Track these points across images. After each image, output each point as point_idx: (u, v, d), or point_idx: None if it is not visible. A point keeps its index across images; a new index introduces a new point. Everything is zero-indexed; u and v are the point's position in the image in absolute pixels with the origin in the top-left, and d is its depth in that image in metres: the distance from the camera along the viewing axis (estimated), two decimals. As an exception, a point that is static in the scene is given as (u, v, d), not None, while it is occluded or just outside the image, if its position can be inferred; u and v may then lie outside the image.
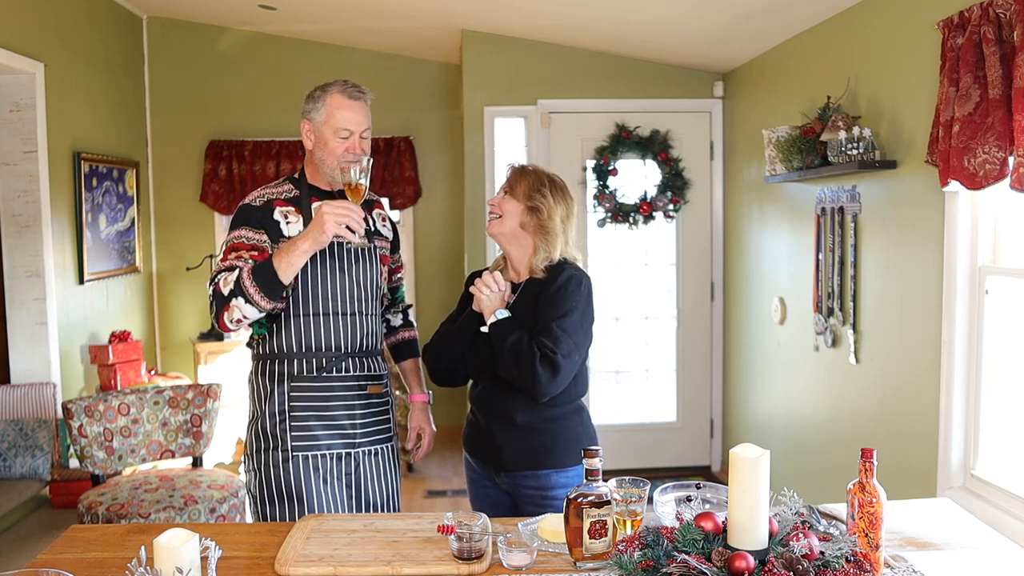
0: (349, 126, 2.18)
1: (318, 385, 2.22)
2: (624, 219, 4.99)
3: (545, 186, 2.22)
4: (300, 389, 2.21)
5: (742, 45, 4.38)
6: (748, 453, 1.41)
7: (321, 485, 2.20)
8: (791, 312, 4.10)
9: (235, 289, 2.04)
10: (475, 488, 2.36)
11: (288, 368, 2.21)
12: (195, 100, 5.82)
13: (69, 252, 4.73)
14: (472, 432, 2.33)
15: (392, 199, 5.90)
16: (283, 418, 2.20)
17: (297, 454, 2.19)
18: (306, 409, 2.21)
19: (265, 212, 2.20)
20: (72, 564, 1.70)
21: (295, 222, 2.21)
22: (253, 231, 2.18)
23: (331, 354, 2.23)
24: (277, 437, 2.20)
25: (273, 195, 2.24)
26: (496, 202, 2.26)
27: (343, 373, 2.24)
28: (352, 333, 2.25)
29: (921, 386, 2.98)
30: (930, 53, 2.80)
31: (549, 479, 2.17)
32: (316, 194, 2.25)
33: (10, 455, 4.08)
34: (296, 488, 2.17)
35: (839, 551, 1.39)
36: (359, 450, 2.26)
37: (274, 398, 2.21)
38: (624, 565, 1.41)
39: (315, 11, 5.07)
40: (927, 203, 2.91)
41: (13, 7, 4.18)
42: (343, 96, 2.19)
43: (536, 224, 2.19)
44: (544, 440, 2.18)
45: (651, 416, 5.26)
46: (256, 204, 2.22)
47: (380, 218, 2.41)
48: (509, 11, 4.46)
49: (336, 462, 2.23)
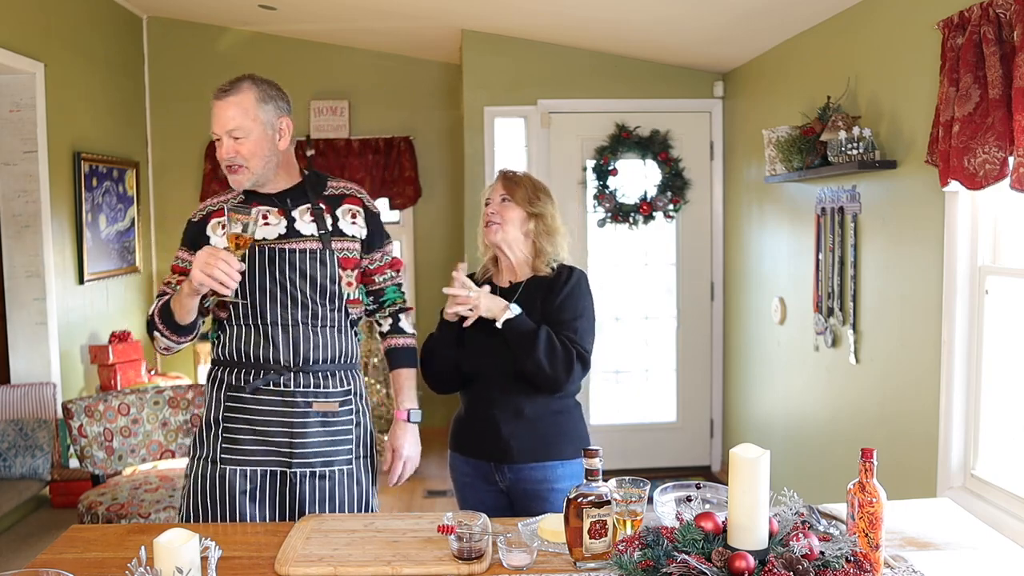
0: (215, 129, 2.07)
1: (252, 398, 2.08)
2: (624, 219, 4.98)
3: (540, 191, 2.30)
4: (235, 400, 2.09)
5: (742, 45, 4.38)
6: (748, 453, 1.41)
7: (247, 502, 2.07)
8: (791, 312, 4.10)
9: (149, 322, 2.11)
10: (467, 491, 2.31)
11: (227, 376, 2.11)
12: (195, 100, 5.80)
13: (69, 252, 4.73)
14: (468, 429, 2.29)
15: (392, 199, 5.91)
16: (216, 427, 2.10)
17: (225, 467, 2.07)
18: (239, 421, 2.08)
19: (200, 228, 2.15)
20: (72, 564, 1.70)
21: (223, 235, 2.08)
22: (187, 252, 2.15)
23: (269, 366, 2.07)
24: (208, 446, 2.10)
25: (216, 205, 2.17)
26: (496, 209, 2.28)
27: (281, 388, 2.07)
28: (295, 346, 2.07)
29: (921, 386, 2.98)
30: (930, 53, 2.80)
31: (555, 471, 2.20)
32: (257, 199, 2.11)
33: (10, 455, 4.08)
34: (220, 501, 2.06)
35: (839, 551, 1.39)
36: (300, 471, 2.07)
37: (212, 405, 2.12)
38: (624, 565, 1.41)
39: (315, 11, 5.07)
40: (927, 203, 2.91)
41: (13, 7, 4.18)
42: (214, 100, 2.07)
43: (542, 228, 2.27)
44: (551, 432, 2.22)
45: (651, 416, 5.26)
46: (195, 220, 2.18)
47: (349, 215, 2.17)
48: (509, 11, 4.46)
49: (271, 480, 2.08)
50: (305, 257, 2.08)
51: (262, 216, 2.08)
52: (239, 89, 2.06)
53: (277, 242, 2.08)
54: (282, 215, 2.11)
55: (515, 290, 2.28)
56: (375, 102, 5.88)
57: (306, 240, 2.10)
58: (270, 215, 2.10)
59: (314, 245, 2.10)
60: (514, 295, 2.26)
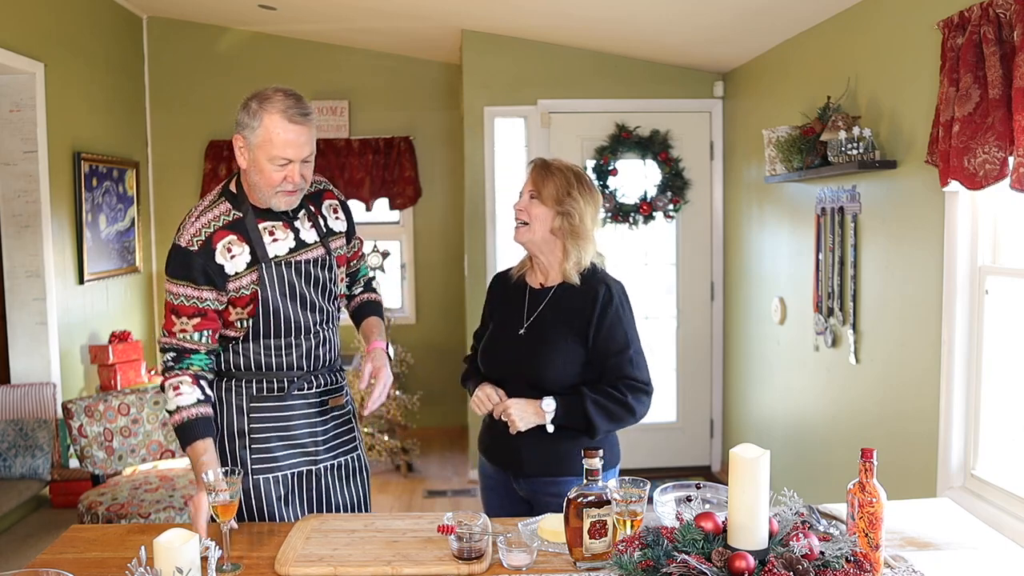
0: (288, 154, 1.92)
1: (279, 405, 2.09)
2: (624, 219, 4.99)
3: (574, 187, 2.11)
4: (260, 410, 2.08)
5: (742, 45, 4.38)
6: (748, 453, 1.41)
7: (282, 506, 2.09)
8: (791, 312, 4.10)
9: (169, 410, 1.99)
10: (491, 494, 2.27)
11: (247, 388, 2.08)
12: (195, 100, 5.82)
13: (69, 252, 4.73)
14: (489, 436, 2.24)
15: (392, 199, 5.91)
16: (242, 439, 2.07)
17: (257, 477, 2.07)
18: (267, 430, 2.08)
19: (207, 257, 1.96)
20: (72, 564, 1.70)
21: (240, 254, 1.99)
22: (195, 288, 1.96)
23: (292, 374, 2.09)
24: (237, 459, 2.07)
25: (211, 226, 1.98)
26: (523, 207, 2.13)
27: (304, 391, 2.11)
28: (313, 352, 2.11)
29: (921, 386, 2.98)
30: (930, 53, 2.80)
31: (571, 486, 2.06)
32: (259, 215, 2.03)
33: (10, 455, 4.08)
34: (258, 511, 2.06)
35: (839, 551, 1.39)
36: (323, 465, 2.14)
37: (234, 417, 2.08)
38: (624, 565, 1.41)
39: (315, 11, 5.07)
40: (927, 203, 2.91)
41: (13, 7, 4.18)
42: (283, 119, 1.90)
43: (568, 229, 2.10)
44: (566, 446, 2.09)
45: (651, 416, 5.19)
46: (194, 249, 1.96)
47: (332, 211, 2.18)
48: (509, 11, 4.46)
49: (297, 481, 2.12)
50: (313, 266, 2.09)
51: (269, 233, 2.03)
52: (310, 110, 1.98)
53: (289, 256, 2.05)
54: (288, 228, 2.07)
55: (543, 295, 2.17)
56: (375, 102, 5.89)
57: (312, 248, 2.09)
58: (276, 230, 2.05)
59: (319, 252, 2.10)
60: (542, 302, 2.16)
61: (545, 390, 2.08)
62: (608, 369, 2.11)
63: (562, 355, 2.10)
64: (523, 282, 2.25)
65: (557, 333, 2.11)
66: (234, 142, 1.98)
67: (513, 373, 2.14)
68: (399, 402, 5.24)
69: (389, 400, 5.18)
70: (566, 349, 2.10)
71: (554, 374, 2.09)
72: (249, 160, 1.96)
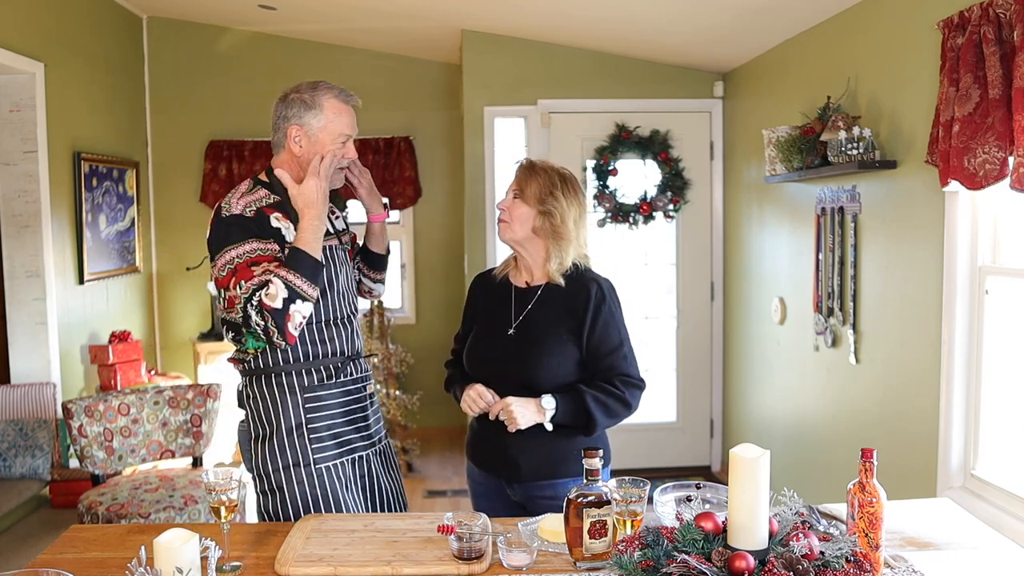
0: (348, 131, 2.15)
1: (333, 392, 2.14)
2: (624, 219, 4.98)
3: (557, 187, 2.11)
4: (315, 400, 2.12)
5: (742, 45, 4.38)
6: (748, 453, 1.41)
7: (345, 493, 2.13)
8: (791, 312, 4.10)
9: (288, 295, 1.94)
10: (482, 500, 2.26)
11: (298, 380, 2.11)
12: (195, 100, 5.82)
13: (69, 252, 4.73)
14: (479, 443, 2.22)
15: (392, 199, 5.90)
16: (300, 432, 2.09)
17: (320, 466, 2.10)
18: (322, 419, 2.12)
19: (261, 222, 2.05)
20: (72, 564, 1.70)
21: (289, 228, 2.08)
22: (262, 242, 2.03)
23: (337, 360, 2.15)
24: (298, 452, 2.09)
25: (257, 203, 2.08)
26: (506, 206, 2.15)
27: (352, 376, 2.19)
28: (350, 336, 2.19)
29: (921, 386, 2.98)
30: (930, 53, 2.80)
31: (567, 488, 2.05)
32: None
33: (10, 455, 4.08)
34: (324, 501, 2.09)
35: (839, 551, 1.39)
36: (370, 451, 2.22)
37: (289, 412, 2.10)
38: (624, 565, 1.41)
39: (315, 11, 5.07)
40: (927, 203, 2.91)
41: (13, 7, 4.18)
42: (340, 101, 2.14)
43: (549, 228, 2.11)
44: (560, 449, 2.09)
45: (651, 416, 5.25)
46: (248, 215, 2.05)
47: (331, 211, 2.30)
48: (509, 11, 4.46)
49: (352, 467, 2.17)
50: (341, 257, 2.23)
51: None
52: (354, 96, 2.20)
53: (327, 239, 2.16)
54: None
55: (531, 295, 2.17)
56: (375, 102, 5.87)
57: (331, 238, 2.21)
58: None
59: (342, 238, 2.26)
60: (529, 302, 2.16)
61: (537, 389, 2.07)
62: (603, 367, 2.11)
63: (555, 354, 2.09)
64: (507, 282, 2.24)
65: (550, 333, 2.10)
66: (289, 132, 2.11)
67: (502, 373, 2.12)
68: (399, 402, 5.24)
69: (389, 400, 5.18)
70: (560, 348, 2.10)
71: (548, 373, 2.08)
72: (308, 145, 2.11)
